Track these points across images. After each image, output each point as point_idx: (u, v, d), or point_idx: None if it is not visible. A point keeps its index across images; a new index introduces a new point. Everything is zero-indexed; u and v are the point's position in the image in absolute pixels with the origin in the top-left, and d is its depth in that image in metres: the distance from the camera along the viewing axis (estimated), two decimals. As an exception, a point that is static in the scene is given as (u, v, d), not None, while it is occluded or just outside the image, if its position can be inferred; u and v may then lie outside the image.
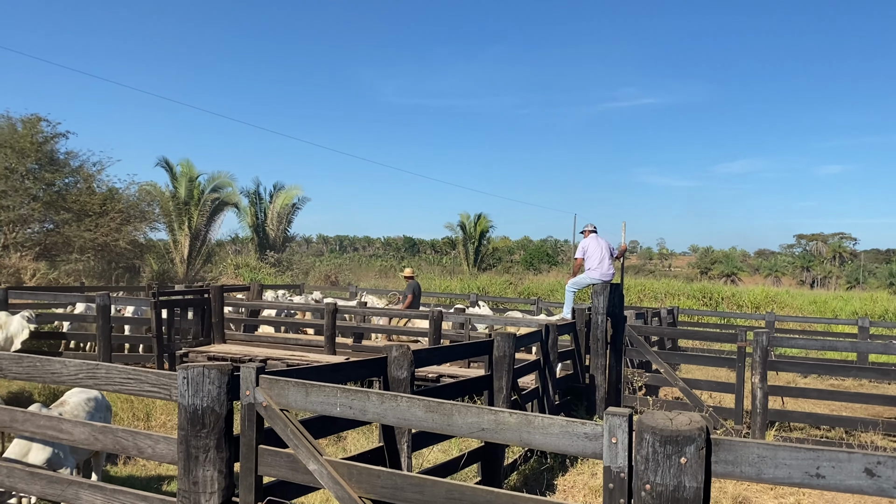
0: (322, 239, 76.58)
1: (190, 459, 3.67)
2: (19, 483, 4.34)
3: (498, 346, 7.05)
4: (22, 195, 24.56)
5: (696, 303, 29.95)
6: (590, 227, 11.82)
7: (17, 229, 24.73)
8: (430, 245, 79.85)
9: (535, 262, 54.19)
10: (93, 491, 4.12)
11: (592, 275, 11.24)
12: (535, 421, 3.09)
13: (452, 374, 10.48)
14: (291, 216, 39.75)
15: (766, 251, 78.38)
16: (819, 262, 63.06)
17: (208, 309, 12.88)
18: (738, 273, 55.53)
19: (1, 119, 25.07)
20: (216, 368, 3.69)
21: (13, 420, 4.38)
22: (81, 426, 4.21)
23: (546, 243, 74.79)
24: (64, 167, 26.60)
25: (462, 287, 31.88)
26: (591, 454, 2.97)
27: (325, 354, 11.91)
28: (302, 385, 3.61)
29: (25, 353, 5.03)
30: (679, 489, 2.67)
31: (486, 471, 6.71)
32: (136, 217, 28.31)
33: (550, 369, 8.98)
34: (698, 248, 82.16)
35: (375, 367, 5.34)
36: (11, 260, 22.96)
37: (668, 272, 59.20)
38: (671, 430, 2.68)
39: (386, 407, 3.41)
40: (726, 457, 2.71)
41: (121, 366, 4.11)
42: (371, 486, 3.41)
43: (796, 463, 2.62)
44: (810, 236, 72.32)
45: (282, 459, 3.67)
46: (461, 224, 49.10)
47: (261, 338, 13.51)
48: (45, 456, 5.27)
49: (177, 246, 33.54)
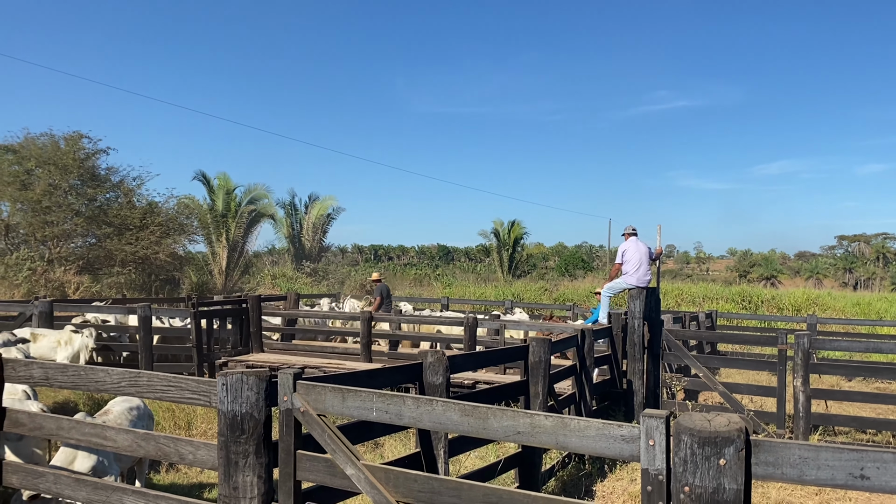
0: (357, 248, 77.05)
1: (230, 465, 3.73)
2: (66, 489, 4.45)
3: (533, 351, 7.03)
4: (65, 211, 25.21)
5: (735, 306, 29.45)
6: (630, 229, 11.61)
7: (62, 244, 25.38)
8: (465, 253, 79.82)
9: (569, 269, 53.82)
10: (136, 497, 4.20)
11: (629, 280, 11.12)
12: (571, 423, 3.08)
13: (488, 380, 10.46)
14: (326, 226, 40.20)
15: (807, 253, 76.84)
16: (862, 263, 61.63)
17: (246, 319, 13.05)
18: (777, 276, 54.50)
19: (44, 137, 25.81)
20: (254, 375, 3.74)
21: (59, 428, 4.49)
22: (125, 433, 4.30)
23: (581, 249, 74.30)
24: (105, 182, 27.25)
25: (497, 294, 31.80)
26: (628, 457, 2.95)
27: (361, 362, 11.97)
28: (338, 390, 3.64)
29: (70, 364, 5.15)
30: (718, 491, 2.64)
31: (523, 476, 6.68)
32: (175, 230, 28.85)
33: (587, 374, 8.91)
34: (736, 252, 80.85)
35: (411, 373, 5.36)
36: (56, 274, 23.55)
37: (706, 276, 58.28)
38: (709, 431, 2.65)
39: (422, 411, 3.43)
40: (767, 458, 2.67)
41: (162, 374, 4.19)
42: (408, 490, 3.42)
43: (839, 464, 2.58)
44: (852, 237, 70.70)
45: (320, 464, 3.70)
46: (495, 231, 49.03)
47: (298, 346, 13.65)
48: (91, 464, 5.39)
49: (215, 258, 34.07)
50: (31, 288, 21.64)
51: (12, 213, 25.30)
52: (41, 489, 4.57)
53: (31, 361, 4.80)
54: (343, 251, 62.93)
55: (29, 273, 22.54)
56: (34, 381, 4.72)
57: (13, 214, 25.33)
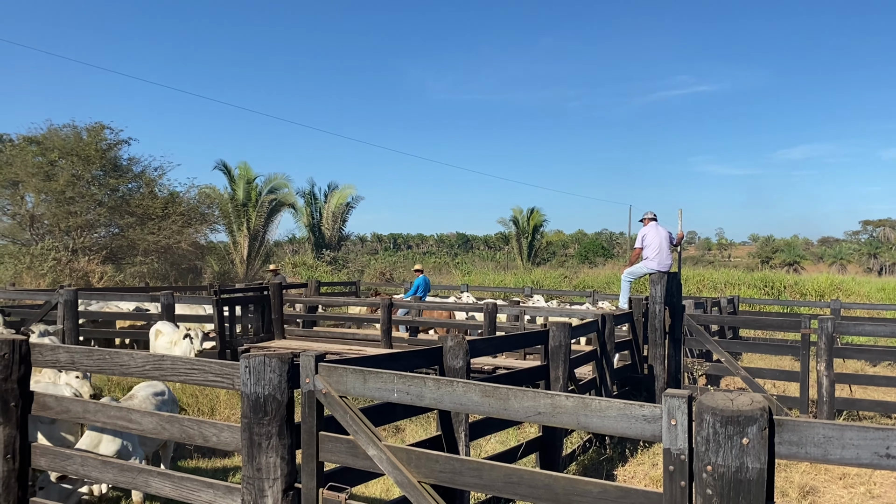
0: (376, 237, 77.28)
1: (253, 446, 3.77)
2: (93, 472, 4.52)
3: (553, 335, 7.02)
4: (88, 201, 25.49)
5: (757, 292, 29.20)
6: (649, 214, 11.45)
7: (85, 234, 25.68)
8: (484, 241, 79.72)
9: (589, 256, 53.62)
10: (162, 479, 4.27)
11: (650, 265, 10.99)
12: (593, 404, 3.07)
13: (508, 365, 10.47)
14: (346, 215, 40.29)
15: (830, 238, 75.85)
16: (887, 248, 60.73)
17: (268, 306, 13.15)
18: (800, 262, 53.89)
19: (67, 128, 26.11)
20: (277, 357, 3.77)
21: (86, 411, 4.56)
22: (150, 416, 4.36)
23: (601, 236, 73.99)
24: (127, 173, 27.54)
25: (516, 281, 31.75)
26: (649, 436, 2.94)
27: (381, 348, 12.03)
28: (360, 372, 3.66)
29: (96, 348, 5.22)
30: (741, 470, 2.62)
31: (544, 460, 6.69)
32: (196, 220, 29.10)
33: (608, 359, 8.89)
34: (758, 238, 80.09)
35: (431, 357, 5.38)
36: (80, 263, 23.85)
37: (728, 262, 57.76)
38: (732, 410, 2.63)
39: (442, 392, 3.44)
40: (790, 437, 2.65)
41: (185, 357, 4.24)
42: (430, 470, 3.44)
43: (865, 443, 2.55)
44: (877, 222, 69.61)
45: (342, 445, 3.73)
46: (514, 219, 48.92)
47: (319, 333, 13.75)
48: (115, 447, 5.47)
49: (236, 247, 34.34)
50: (56, 277, 21.93)
51: (37, 203, 25.64)
52: (69, 471, 4.64)
53: (57, 346, 4.87)
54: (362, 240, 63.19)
55: (54, 263, 22.85)
56: (60, 365, 4.79)
57: (37, 205, 25.66)
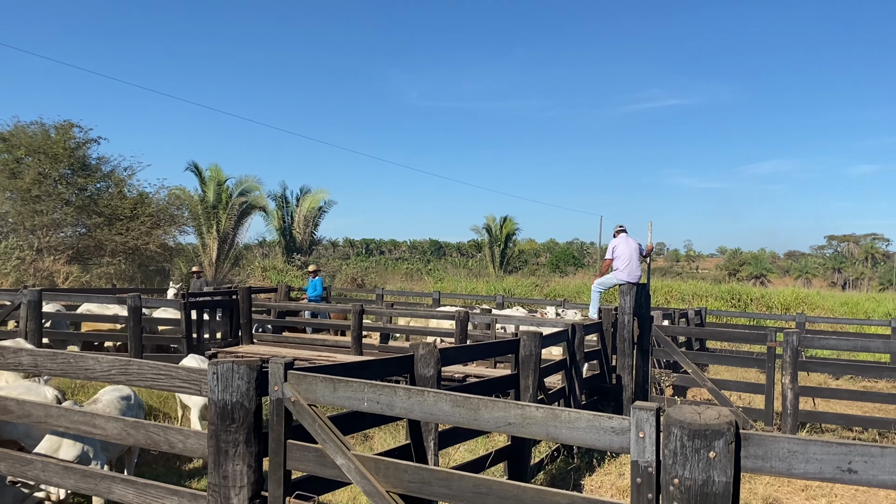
0: (348, 242, 76.98)
1: (220, 454, 3.72)
2: (54, 477, 4.43)
3: (524, 345, 7.05)
4: (55, 200, 25.06)
5: (724, 304, 29.59)
6: (620, 227, 11.81)
7: (51, 233, 25.21)
8: (456, 248, 79.87)
9: (561, 265, 53.97)
10: (125, 485, 4.19)
11: (620, 275, 11.18)
12: (562, 415, 3.08)
13: (478, 374, 10.47)
14: (318, 219, 40.02)
15: (796, 252, 77.28)
16: (851, 263, 61.98)
17: (236, 310, 13.01)
18: (767, 275, 54.81)
19: (35, 125, 25.62)
20: (245, 364, 3.73)
21: (48, 415, 4.47)
22: (114, 422, 4.28)
23: (572, 245, 74.53)
24: (95, 172, 27.08)
25: (488, 289, 31.83)
26: (618, 448, 2.96)
27: (352, 355, 11.96)
28: (329, 380, 3.64)
29: (60, 351, 5.12)
30: (708, 483, 2.65)
31: (512, 469, 6.70)
32: (165, 221, 28.71)
33: (577, 369, 8.95)
34: (726, 250, 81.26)
35: (402, 365, 5.36)
36: (45, 263, 23.41)
37: (696, 274, 58.49)
38: (700, 423, 2.66)
39: (413, 401, 3.43)
40: (756, 451, 2.68)
41: (152, 362, 4.18)
42: (398, 480, 3.42)
43: (828, 458, 2.59)
44: (842, 237, 71.11)
45: (310, 454, 3.70)
46: (487, 227, 49.07)
47: (288, 339, 13.61)
48: (76, 452, 5.36)
49: (205, 249, 33.94)
50: (20, 277, 21.51)
51: (1, 201, 25.12)
52: (29, 477, 4.54)
53: (20, 349, 4.76)
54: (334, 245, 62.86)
55: (17, 262, 22.40)
56: (23, 368, 4.69)
57: (2, 203, 25.15)
